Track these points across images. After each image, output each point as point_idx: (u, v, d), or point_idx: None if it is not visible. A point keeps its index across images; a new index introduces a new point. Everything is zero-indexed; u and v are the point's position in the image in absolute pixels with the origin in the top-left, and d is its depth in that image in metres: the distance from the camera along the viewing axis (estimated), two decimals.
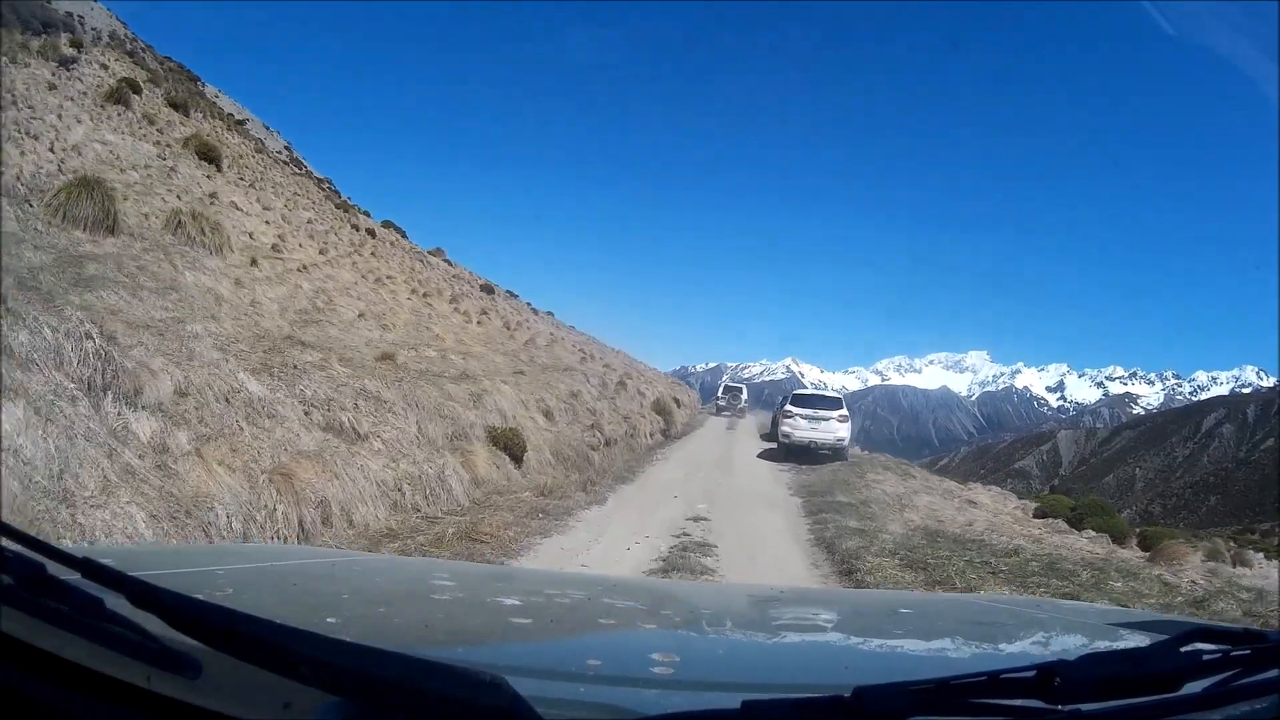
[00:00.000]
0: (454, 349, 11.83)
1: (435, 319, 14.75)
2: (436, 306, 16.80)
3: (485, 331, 17.16)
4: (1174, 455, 77.25)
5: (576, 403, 12.51)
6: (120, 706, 0.62)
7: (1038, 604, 1.96)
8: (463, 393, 8.55)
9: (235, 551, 2.27)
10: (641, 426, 15.22)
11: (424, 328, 12.94)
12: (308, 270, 12.12)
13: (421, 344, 11.00)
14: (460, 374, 9.54)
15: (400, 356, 9.05)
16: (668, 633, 1.20)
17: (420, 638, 0.98)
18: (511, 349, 15.76)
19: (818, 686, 0.62)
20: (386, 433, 6.38)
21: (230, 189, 15.08)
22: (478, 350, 12.87)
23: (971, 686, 0.60)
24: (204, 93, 31.50)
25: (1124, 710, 0.62)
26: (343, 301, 11.41)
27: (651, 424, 16.54)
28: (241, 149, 23.29)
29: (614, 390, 17.08)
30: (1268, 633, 0.83)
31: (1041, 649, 1.25)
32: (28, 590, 0.62)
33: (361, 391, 6.77)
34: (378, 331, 10.43)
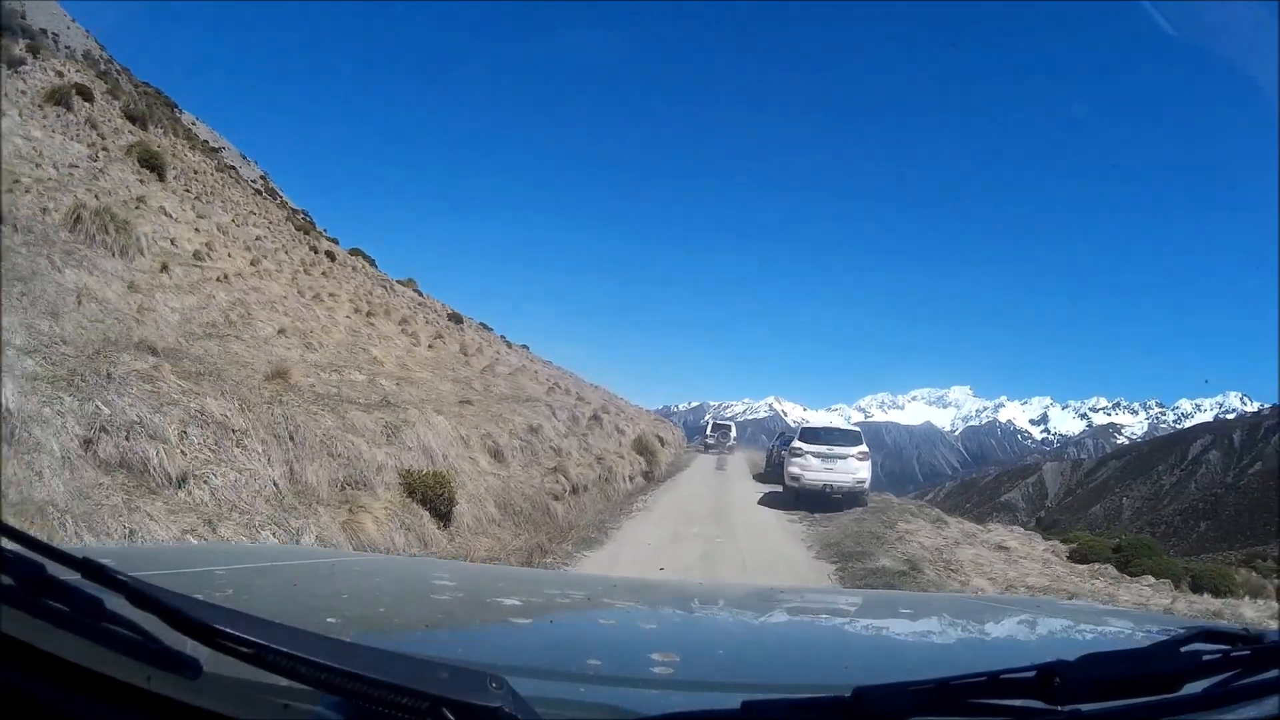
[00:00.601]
0: (392, 373, 10.36)
1: (376, 340, 13.06)
2: (381, 327, 14.95)
3: (436, 356, 15.12)
4: (1161, 483, 77.49)
5: (537, 440, 10.53)
6: (120, 706, 0.62)
7: (1037, 604, 1.97)
8: (375, 424, 6.82)
9: (235, 551, 2.27)
10: (619, 468, 13.16)
11: (360, 349, 11.36)
12: (230, 281, 10.99)
13: (349, 365, 9.52)
14: (380, 401, 7.87)
15: (299, 376, 7.48)
16: (668, 633, 1.20)
17: (420, 638, 0.98)
18: (464, 376, 13.60)
19: (818, 686, 0.62)
20: (221, 476, 4.66)
21: (166, 197, 14.36)
22: (421, 376, 11.34)
23: (971, 686, 0.60)
24: (178, 117, 31.61)
25: (1124, 710, 0.62)
26: (264, 316, 10.10)
27: (632, 465, 14.42)
28: (201, 166, 23.15)
29: (586, 426, 14.73)
30: (1267, 633, 0.83)
31: (1041, 649, 1.24)
32: (28, 590, 0.62)
33: (198, 415, 4.93)
34: (299, 350, 9.07)
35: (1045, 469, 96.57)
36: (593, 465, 11.59)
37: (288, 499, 4.98)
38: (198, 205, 16.60)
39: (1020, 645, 1.30)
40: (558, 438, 11.72)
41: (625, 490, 12.73)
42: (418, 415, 7.75)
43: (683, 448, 30.81)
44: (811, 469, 11.69)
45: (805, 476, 11.69)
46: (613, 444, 15.42)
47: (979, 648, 1.27)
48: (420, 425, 7.48)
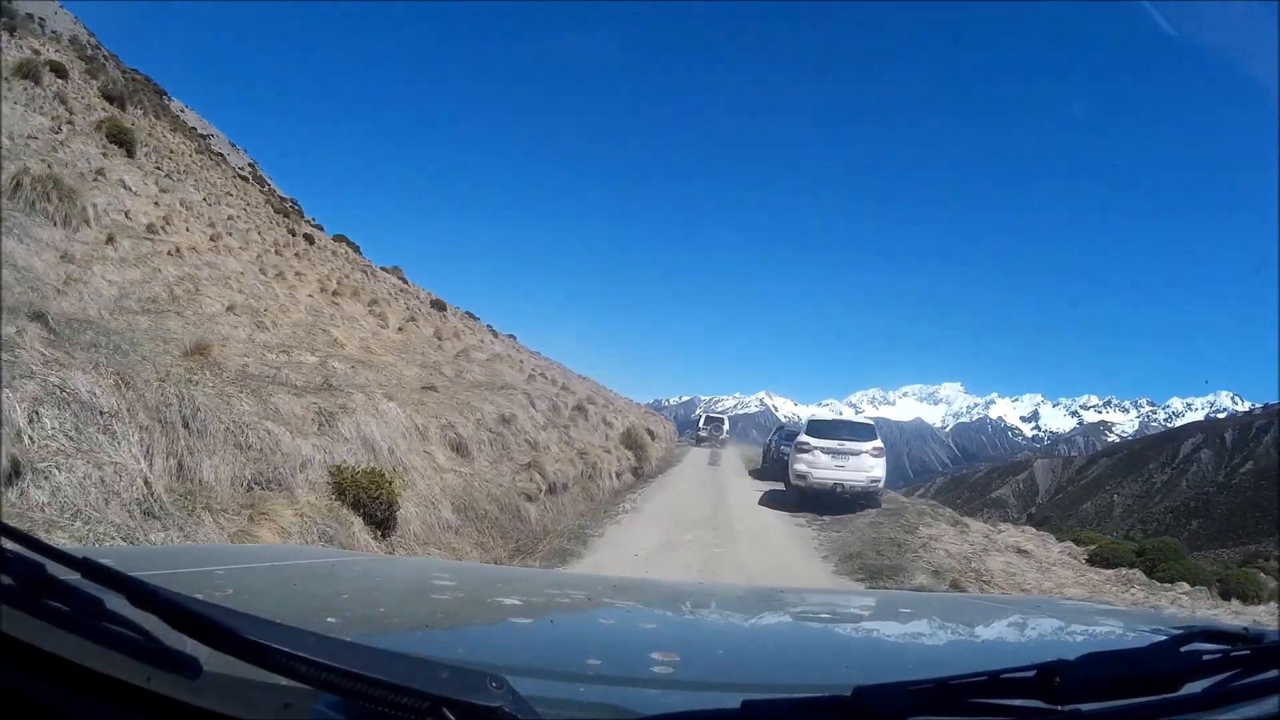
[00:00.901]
0: (350, 356, 9.47)
1: (340, 321, 12.28)
2: (347, 308, 14.10)
3: (406, 340, 14.20)
4: (1152, 481, 77.62)
5: (509, 431, 9.41)
6: (120, 706, 0.62)
7: (1038, 604, 1.96)
8: (306, 410, 5.87)
9: (235, 551, 2.27)
10: (605, 464, 12.04)
11: (320, 330, 10.53)
12: (183, 255, 10.45)
13: (302, 346, 8.72)
14: (321, 384, 6.92)
15: (236, 355, 6.77)
16: (668, 633, 1.20)
17: (420, 638, 0.98)
18: (434, 361, 12.60)
19: (818, 686, 0.62)
20: (70, 471, 3.53)
21: (130, 171, 14.16)
22: (384, 359, 10.46)
23: (971, 686, 0.60)
24: (165, 103, 31.77)
25: (1124, 710, 0.62)
26: (214, 292, 9.45)
27: (619, 460, 13.32)
28: (180, 148, 23.16)
29: (569, 417, 13.45)
30: (1267, 633, 0.83)
31: (1041, 649, 1.25)
32: (28, 590, 0.62)
33: (57, 392, 3.86)
34: (247, 330, 8.38)
35: (1036, 466, 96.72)
36: (574, 461, 10.45)
37: (160, 502, 3.91)
38: (164, 181, 16.39)
39: (1020, 645, 1.30)
40: (535, 430, 10.49)
41: (611, 488, 11.70)
42: (364, 401, 6.63)
43: (674, 442, 30.02)
44: (820, 466, 10.66)
45: (813, 475, 10.66)
46: (599, 437, 14.20)
47: (979, 647, 1.28)
48: (364, 413, 6.39)
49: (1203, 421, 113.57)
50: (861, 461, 10.67)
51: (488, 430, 8.89)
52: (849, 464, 10.65)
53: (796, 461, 11.00)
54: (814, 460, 10.73)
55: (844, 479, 10.57)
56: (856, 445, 10.77)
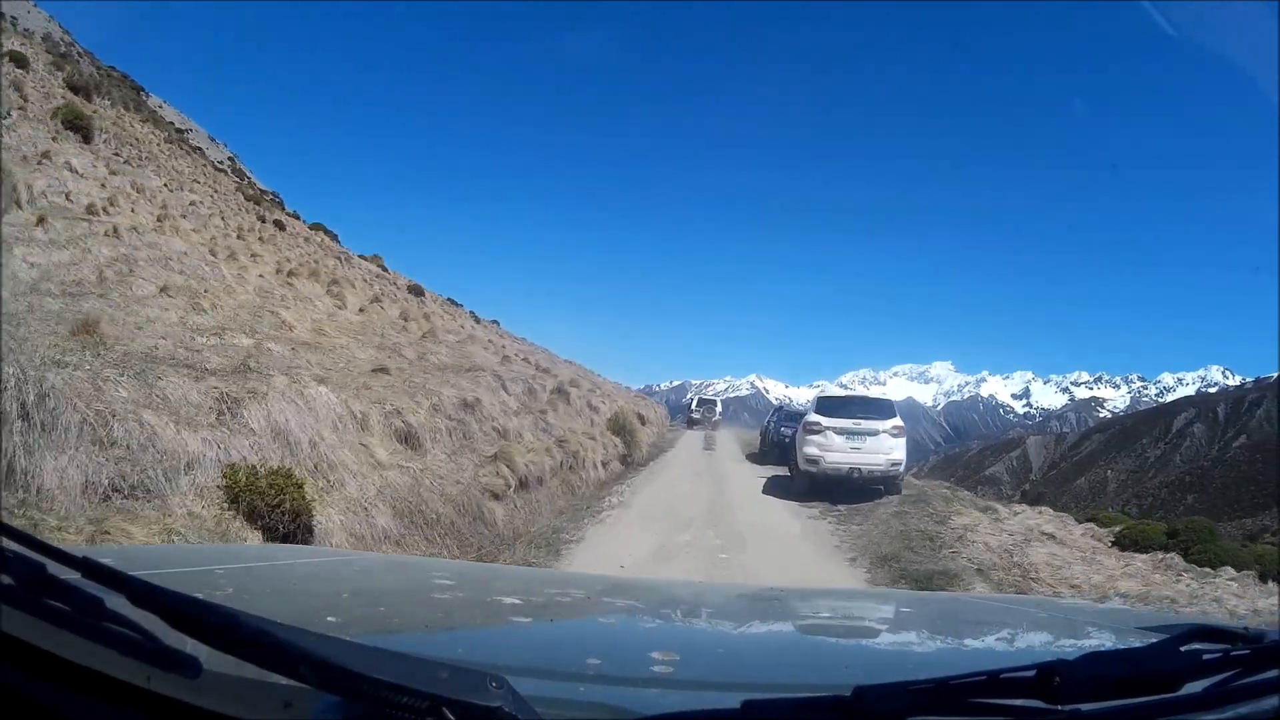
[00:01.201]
0: (298, 339, 8.71)
1: (292, 302, 11.42)
2: (303, 289, 13.15)
3: (366, 321, 13.12)
4: (1145, 456, 77.60)
5: (473, 418, 8.28)
6: (120, 706, 0.62)
7: (1038, 604, 1.96)
8: (204, 396, 5.02)
9: (235, 552, 2.27)
10: (590, 452, 10.85)
11: (267, 311, 9.65)
12: (121, 236, 9.93)
13: (242, 328, 7.92)
14: (237, 366, 6.09)
15: (136, 335, 6.03)
16: (668, 632, 1.20)
17: (420, 638, 0.98)
18: (394, 343, 11.59)
19: (818, 686, 0.62)
20: None
21: (80, 154, 13.98)
22: (337, 341, 9.60)
23: (971, 686, 0.60)
24: (143, 99, 31.82)
25: (1124, 710, 0.62)
26: (150, 273, 8.87)
27: (606, 448, 12.13)
28: (148, 137, 23.18)
29: (547, 401, 12.12)
30: (1267, 632, 0.83)
31: (1041, 649, 1.25)
32: (28, 590, 0.62)
33: None
34: (180, 312, 7.63)
35: (1029, 443, 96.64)
36: (551, 450, 9.26)
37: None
38: (121, 167, 16.21)
39: (1020, 645, 1.30)
40: (505, 416, 9.27)
41: (596, 480, 10.50)
42: (286, 385, 5.59)
43: (666, 426, 28.99)
44: (834, 449, 9.52)
45: (826, 459, 9.49)
46: (582, 423, 13.00)
47: (979, 648, 1.28)
48: (282, 398, 5.32)
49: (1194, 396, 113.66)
50: (880, 442, 9.52)
51: (446, 417, 7.75)
52: (866, 445, 9.51)
53: (806, 444, 9.78)
54: (826, 443, 9.58)
55: (861, 463, 9.43)
56: (873, 424, 9.61)
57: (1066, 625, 1.37)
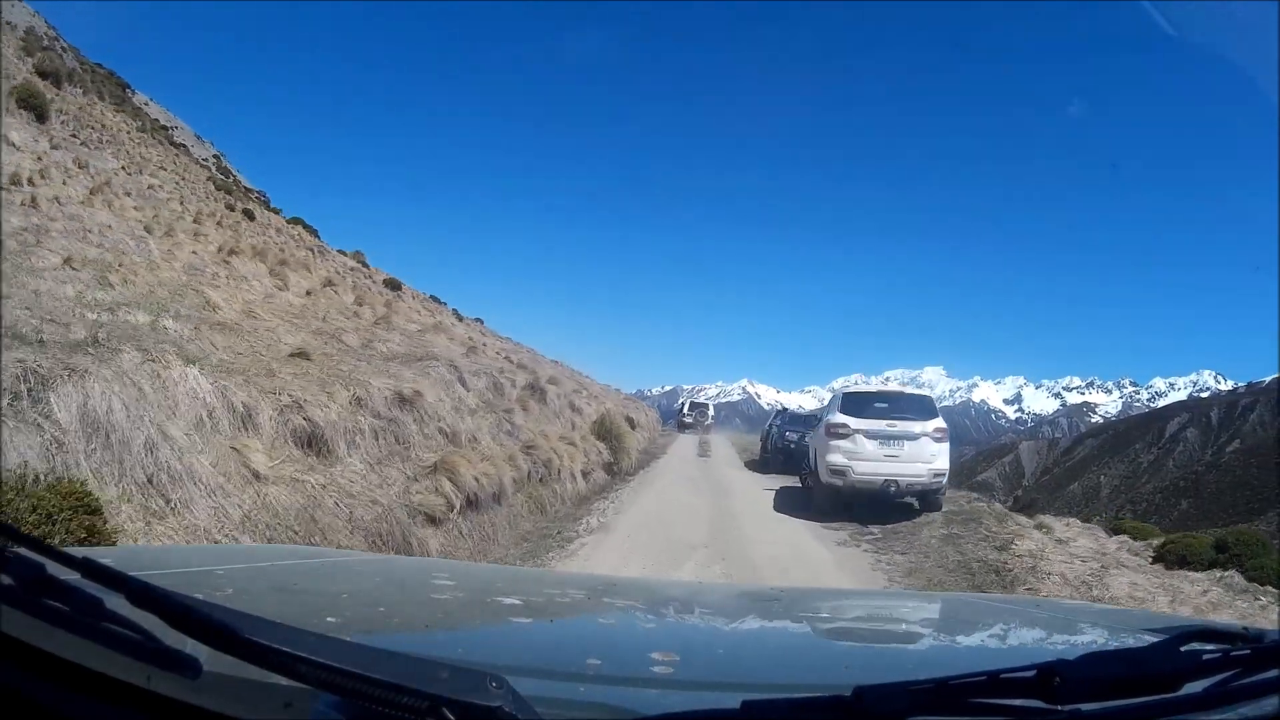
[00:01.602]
0: (221, 319, 7.67)
1: (226, 282, 10.41)
2: (243, 268, 12.01)
3: (309, 305, 11.70)
4: (1139, 461, 77.49)
5: (412, 417, 6.81)
6: (120, 706, 0.62)
7: (1038, 604, 1.97)
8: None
9: (235, 552, 2.27)
10: (568, 460, 9.17)
11: (191, 289, 8.59)
12: (39, 206, 9.34)
13: (149, 305, 6.80)
14: (83, 342, 4.72)
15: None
16: (668, 632, 1.20)
17: (420, 638, 0.98)
18: (337, 328, 10.11)
19: (818, 686, 0.62)
20: None
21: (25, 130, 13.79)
22: (266, 324, 8.47)
23: (971, 686, 0.61)
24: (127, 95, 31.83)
25: (1124, 710, 0.62)
26: (61, 244, 8.16)
27: (588, 455, 10.60)
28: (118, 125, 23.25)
29: (517, 399, 10.55)
30: (1267, 632, 0.83)
31: (1041, 649, 1.25)
32: (28, 590, 0.62)
33: None
34: (80, 286, 6.80)
35: (1021, 448, 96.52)
36: (516, 458, 7.71)
37: None
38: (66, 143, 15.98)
39: (1020, 645, 1.30)
40: (456, 415, 7.65)
41: (575, 494, 8.85)
42: (136, 364, 4.47)
43: (658, 430, 27.88)
44: (865, 457, 7.99)
45: (856, 470, 7.97)
46: (561, 426, 11.50)
47: (979, 648, 1.28)
48: (116, 381, 4.06)
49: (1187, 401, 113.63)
50: (920, 448, 7.98)
51: (373, 415, 6.18)
52: (904, 452, 7.97)
53: (830, 451, 8.16)
54: (855, 449, 8.03)
55: (898, 474, 7.90)
56: (912, 426, 8.06)
57: (1066, 625, 1.37)
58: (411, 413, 6.87)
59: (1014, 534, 7.15)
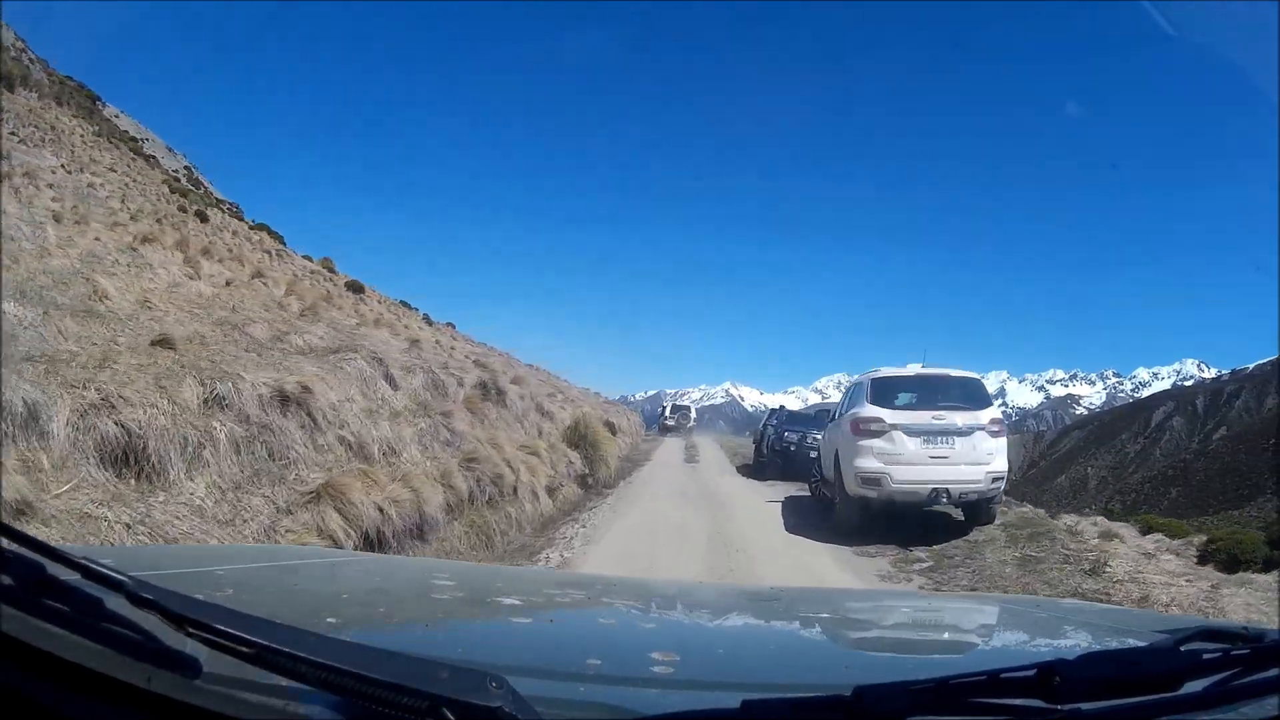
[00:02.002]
0: (108, 309, 6.68)
1: (129, 269, 9.25)
2: (153, 257, 10.77)
3: (222, 295, 10.23)
4: (1125, 452, 77.40)
5: (294, 422, 5.35)
6: (120, 706, 0.62)
7: (1038, 604, 1.97)
8: None
9: (235, 552, 2.27)
10: (528, 474, 7.53)
11: (84, 277, 7.55)
12: None
13: (21, 295, 5.77)
14: None
15: None
16: (668, 632, 1.20)
17: (420, 638, 0.98)
18: (247, 318, 8.53)
19: (818, 686, 0.63)
20: None
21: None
22: (157, 313, 7.31)
23: (971, 686, 0.61)
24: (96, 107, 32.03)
25: (1124, 710, 0.62)
26: None
27: (556, 467, 8.91)
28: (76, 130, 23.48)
29: (464, 401, 8.59)
30: (1267, 632, 0.83)
31: (1041, 649, 1.25)
32: (28, 590, 0.62)
33: None
34: None
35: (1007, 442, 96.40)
36: (452, 476, 6.08)
37: None
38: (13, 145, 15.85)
39: (1020, 645, 1.30)
40: (368, 421, 6.10)
41: (537, 517, 7.21)
42: None
43: (641, 435, 26.46)
44: (906, 460, 6.45)
45: (895, 476, 6.42)
46: (524, 433, 9.78)
47: (979, 648, 1.28)
48: None
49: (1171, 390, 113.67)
50: (974, 445, 6.47)
51: (238, 420, 4.79)
52: (955, 451, 6.45)
53: (859, 454, 6.58)
54: (893, 450, 6.49)
55: (949, 479, 6.41)
56: (962, 417, 6.57)
57: (1066, 625, 1.37)
58: (297, 416, 5.32)
59: (1099, 551, 5.88)
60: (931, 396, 6.97)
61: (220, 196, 35.95)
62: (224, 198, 36.22)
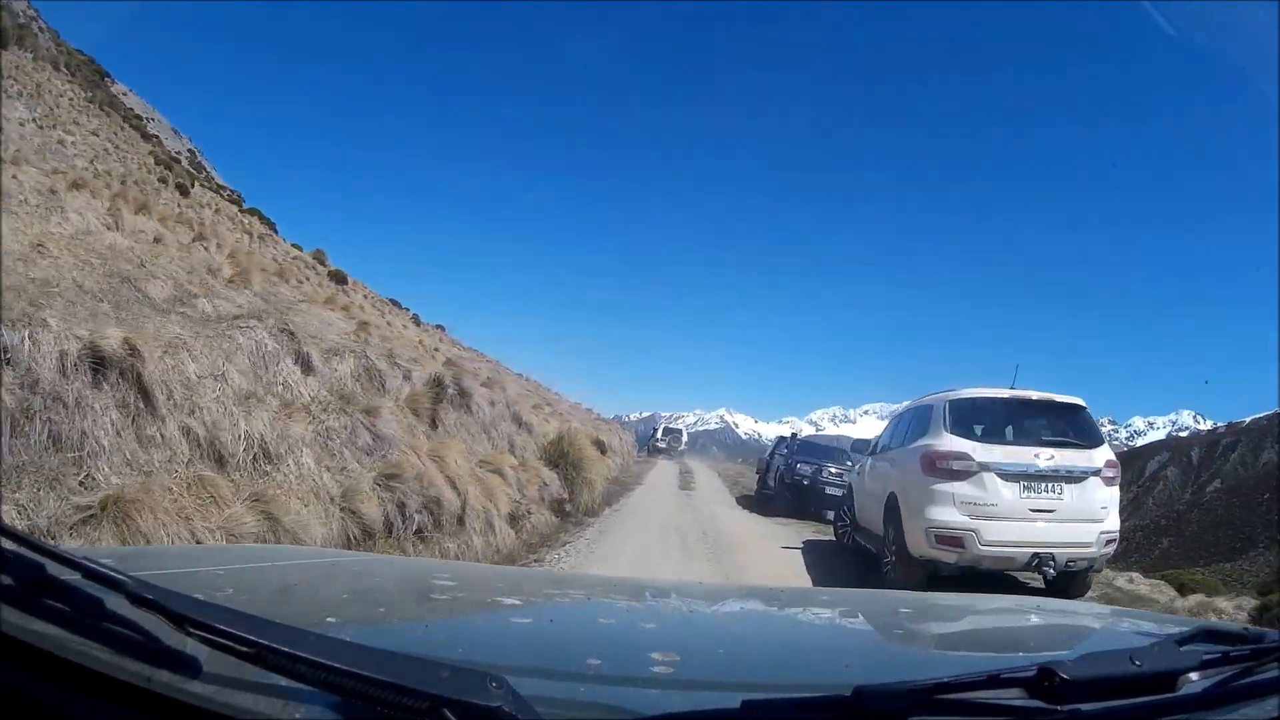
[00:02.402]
0: None
1: (35, 210, 7.96)
2: (73, 202, 9.21)
3: (139, 248, 8.30)
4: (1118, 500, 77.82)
5: (111, 398, 3.98)
6: (120, 706, 0.62)
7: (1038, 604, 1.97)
8: None
9: (235, 552, 2.27)
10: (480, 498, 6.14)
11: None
12: None
13: None
14: None
15: None
16: (668, 632, 1.19)
17: (420, 638, 0.98)
18: (149, 274, 7.07)
19: (818, 686, 0.63)
20: None
21: None
22: (50, 259, 6.06)
23: (971, 686, 0.61)
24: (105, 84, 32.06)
25: (1124, 710, 0.62)
26: None
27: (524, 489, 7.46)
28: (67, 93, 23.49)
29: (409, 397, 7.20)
30: (1267, 633, 0.83)
31: (1041, 649, 1.25)
32: (28, 590, 0.62)
33: None
34: None
35: None
36: (357, 496, 4.84)
37: None
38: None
39: (1020, 645, 1.30)
40: (242, 410, 4.70)
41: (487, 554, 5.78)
42: None
43: (633, 457, 25.13)
44: (1002, 513, 5.03)
45: (986, 535, 4.99)
46: (489, 446, 8.10)
47: (979, 647, 1.28)
48: None
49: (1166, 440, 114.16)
50: (1088, 495, 5.17)
51: (19, 385, 3.69)
52: (1064, 504, 5.10)
53: (935, 502, 5.17)
54: (984, 498, 5.05)
55: (1056, 541, 5.04)
56: (1075, 457, 5.19)
57: (1066, 625, 1.37)
58: (119, 391, 4.03)
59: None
60: (1031, 428, 5.46)
61: (221, 183, 35.93)
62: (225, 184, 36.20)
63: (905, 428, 6.39)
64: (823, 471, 11.71)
